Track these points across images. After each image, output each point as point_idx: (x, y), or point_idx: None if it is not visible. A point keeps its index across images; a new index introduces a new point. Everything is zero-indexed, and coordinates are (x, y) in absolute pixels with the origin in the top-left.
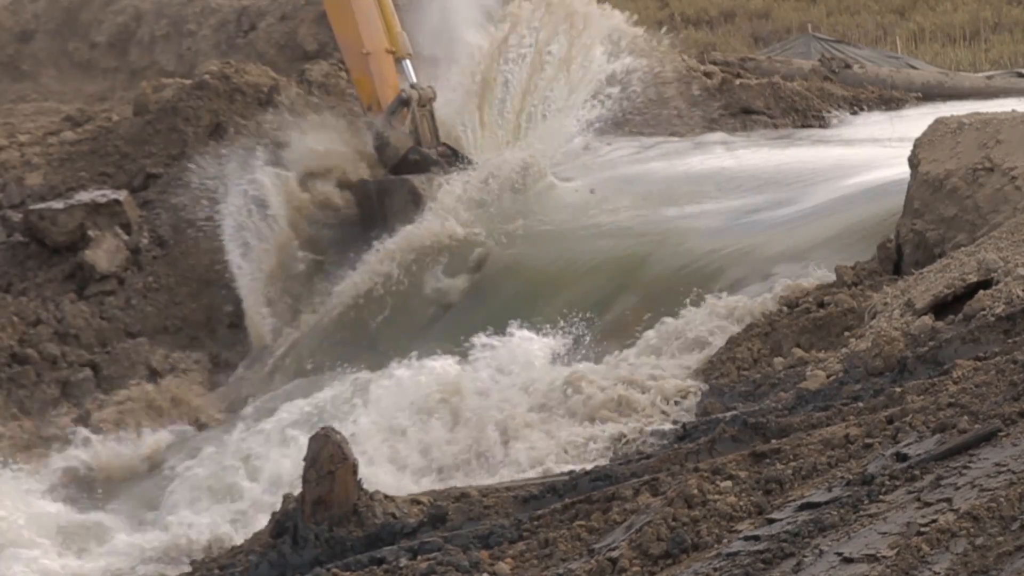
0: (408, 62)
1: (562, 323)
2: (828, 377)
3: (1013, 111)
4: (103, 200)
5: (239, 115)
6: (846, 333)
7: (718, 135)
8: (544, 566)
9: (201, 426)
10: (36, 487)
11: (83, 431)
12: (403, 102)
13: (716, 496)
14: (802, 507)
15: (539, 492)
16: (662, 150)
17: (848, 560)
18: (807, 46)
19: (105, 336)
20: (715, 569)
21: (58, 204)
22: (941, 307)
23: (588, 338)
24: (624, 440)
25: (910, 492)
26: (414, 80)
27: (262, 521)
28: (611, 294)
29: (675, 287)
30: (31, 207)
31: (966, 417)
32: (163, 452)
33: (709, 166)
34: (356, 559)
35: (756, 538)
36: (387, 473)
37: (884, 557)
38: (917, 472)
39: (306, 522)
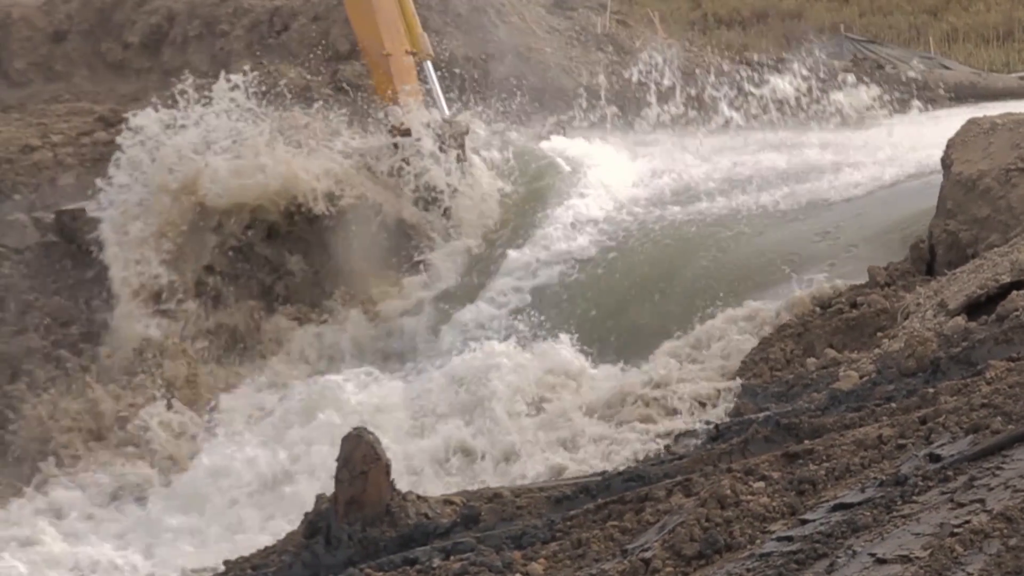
0: (429, 64)
1: (596, 322)
2: (861, 377)
3: None
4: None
5: None
6: (879, 333)
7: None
8: (577, 567)
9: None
10: None
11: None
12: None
13: (749, 497)
14: (835, 508)
15: (572, 492)
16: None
17: (881, 561)
18: (839, 47)
19: None
20: (748, 570)
21: (90, 204)
22: (974, 307)
23: (619, 338)
24: (656, 440)
25: (943, 493)
26: (447, 114)
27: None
28: (644, 293)
29: (709, 287)
30: (63, 207)
31: (999, 418)
32: None
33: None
34: (389, 559)
35: (789, 539)
36: None
37: (917, 558)
38: (950, 473)
39: (339, 522)
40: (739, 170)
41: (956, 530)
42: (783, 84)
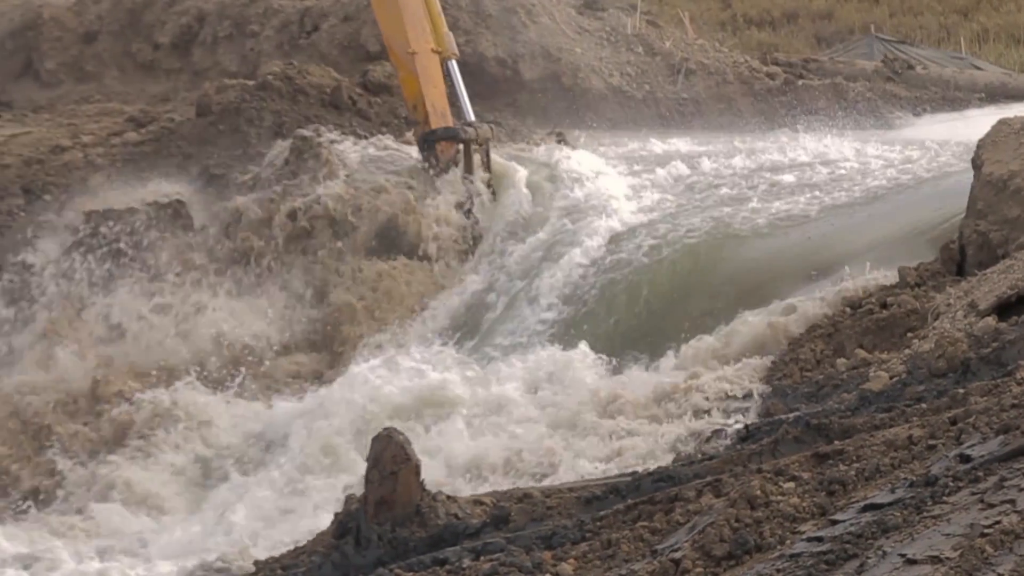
0: (454, 63)
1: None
2: (891, 378)
3: None
4: (165, 201)
5: (302, 116)
6: (909, 334)
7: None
8: (607, 567)
9: None
10: None
11: None
12: (456, 139)
13: (779, 497)
14: (865, 508)
15: (602, 493)
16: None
17: (911, 561)
18: (870, 47)
19: None
20: (778, 570)
21: (120, 206)
22: (1004, 308)
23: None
24: (686, 441)
25: (973, 493)
26: (472, 117)
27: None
28: (673, 294)
29: (736, 289)
30: (93, 209)
31: None
32: None
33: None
34: (419, 559)
35: (819, 539)
36: None
37: (947, 558)
38: (980, 473)
39: (369, 523)
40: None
41: (986, 531)
42: None
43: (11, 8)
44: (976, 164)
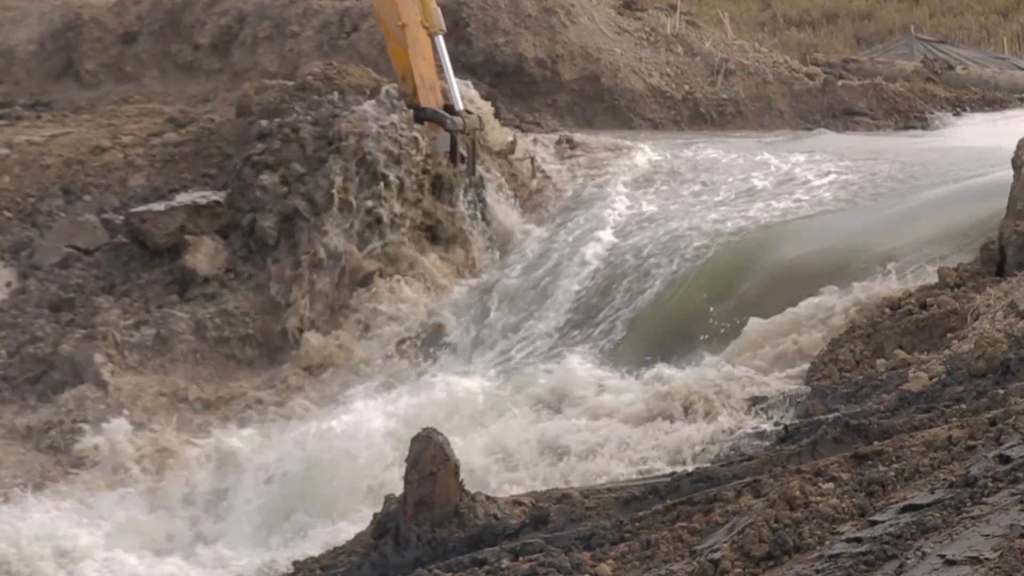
0: (441, 39)
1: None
2: (930, 379)
3: None
4: (203, 202)
5: None
6: (949, 335)
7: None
8: (646, 567)
9: None
10: None
11: None
12: (442, 125)
13: (818, 498)
14: (904, 509)
15: (641, 493)
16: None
17: (951, 562)
18: (909, 47)
19: None
20: (817, 571)
21: (159, 206)
22: None
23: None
24: (725, 442)
25: (1013, 494)
26: (460, 107)
27: None
28: (711, 292)
29: (777, 286)
30: (132, 209)
31: None
32: None
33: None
34: (458, 560)
35: (858, 540)
36: None
37: (987, 559)
38: (1020, 474)
39: (408, 523)
40: None
41: None
42: None
43: (51, 9)
44: (1016, 164)
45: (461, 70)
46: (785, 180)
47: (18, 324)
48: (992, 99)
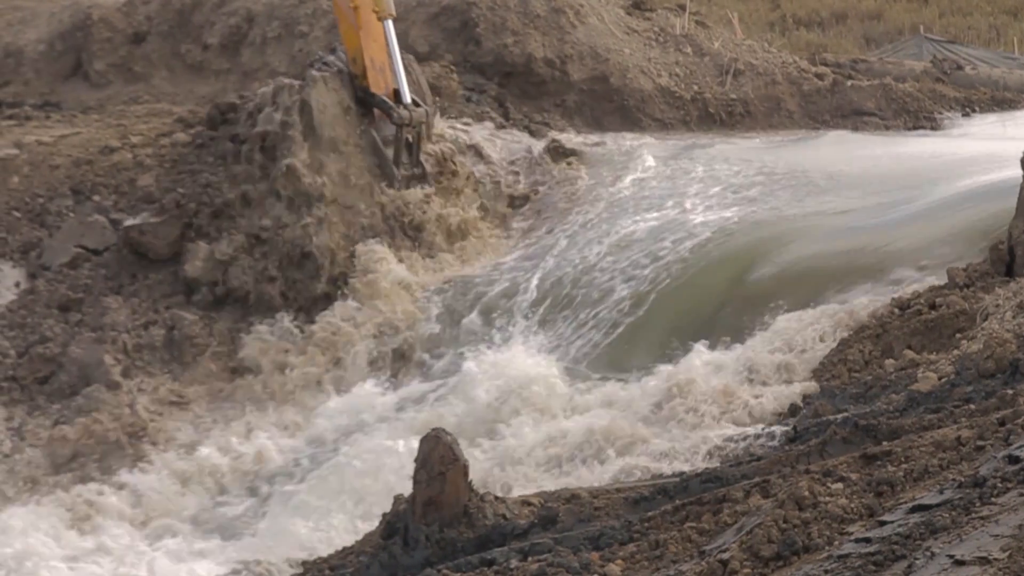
0: (390, 23)
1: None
2: (939, 379)
3: None
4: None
5: None
6: (958, 335)
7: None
8: (654, 568)
9: None
10: None
11: None
12: (389, 117)
13: (827, 498)
14: (913, 509)
15: (649, 494)
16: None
17: (960, 562)
18: (919, 47)
19: None
20: (826, 571)
21: (155, 218)
22: None
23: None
24: (734, 442)
25: (1022, 494)
26: (408, 100)
27: None
28: (722, 293)
29: (785, 287)
30: (128, 223)
31: None
32: None
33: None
34: (466, 560)
35: (867, 540)
36: None
37: (996, 559)
38: None
39: (417, 523)
40: None
41: None
42: None
43: (60, 9)
44: None
45: (470, 70)
46: None
47: (27, 324)
48: (1001, 99)
